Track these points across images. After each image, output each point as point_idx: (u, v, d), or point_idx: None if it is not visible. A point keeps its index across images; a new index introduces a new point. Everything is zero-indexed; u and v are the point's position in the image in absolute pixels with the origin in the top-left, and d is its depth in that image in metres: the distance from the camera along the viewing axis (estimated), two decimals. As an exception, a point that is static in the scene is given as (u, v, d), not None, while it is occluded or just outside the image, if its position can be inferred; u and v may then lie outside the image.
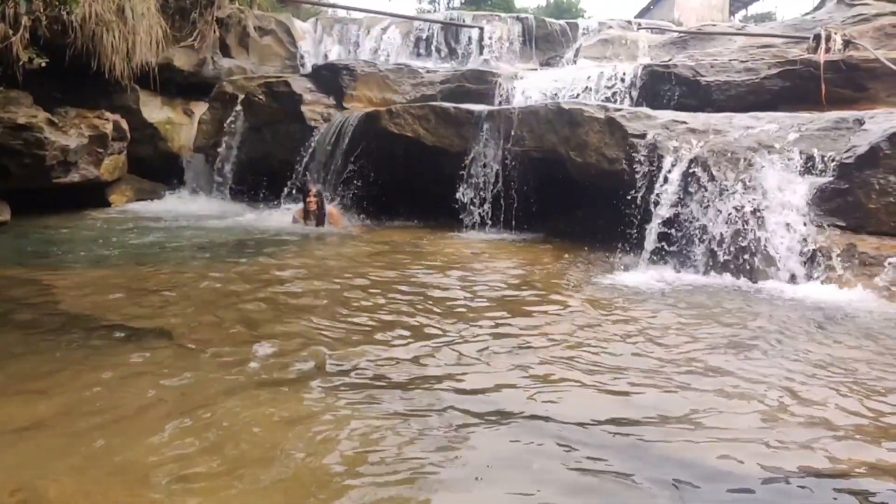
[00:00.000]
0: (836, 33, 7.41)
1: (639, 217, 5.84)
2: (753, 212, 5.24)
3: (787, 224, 5.17)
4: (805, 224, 5.17)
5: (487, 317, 4.03)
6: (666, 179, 5.75)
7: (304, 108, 9.31)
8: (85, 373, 2.99)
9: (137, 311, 4.00)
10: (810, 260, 5.04)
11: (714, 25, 12.57)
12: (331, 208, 7.91)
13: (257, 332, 3.63)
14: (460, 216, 7.54)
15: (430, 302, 4.33)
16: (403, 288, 4.72)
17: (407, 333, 3.67)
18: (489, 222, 7.47)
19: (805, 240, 5.10)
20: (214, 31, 11.14)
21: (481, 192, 7.50)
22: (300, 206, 7.98)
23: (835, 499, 2.10)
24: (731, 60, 8.03)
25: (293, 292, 4.60)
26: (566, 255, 6.12)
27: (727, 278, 5.14)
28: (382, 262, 5.73)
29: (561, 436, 2.47)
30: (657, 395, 2.87)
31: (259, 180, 9.33)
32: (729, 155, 5.57)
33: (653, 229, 5.62)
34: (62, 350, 3.30)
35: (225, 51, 11.65)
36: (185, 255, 5.88)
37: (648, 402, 2.80)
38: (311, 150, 8.77)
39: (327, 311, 4.10)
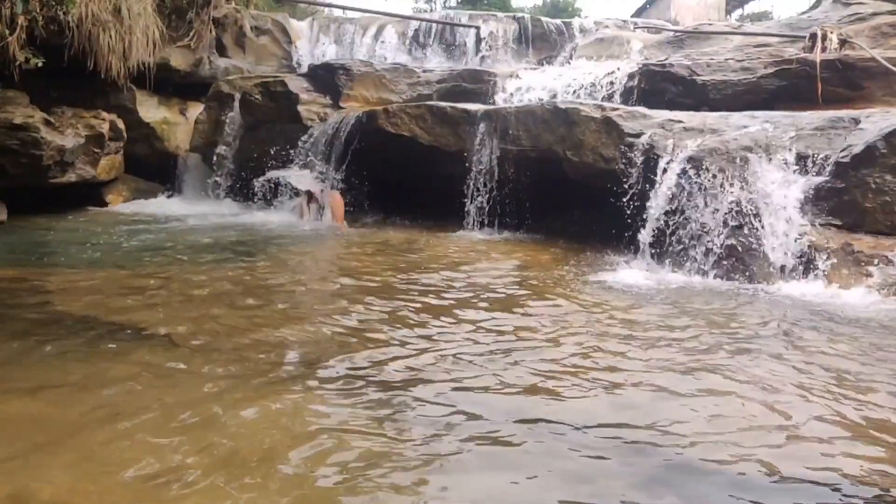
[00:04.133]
0: (832, 32, 7.41)
1: (635, 217, 5.85)
2: (749, 211, 5.25)
3: (783, 223, 5.18)
4: (801, 223, 5.18)
5: (484, 317, 4.03)
6: (662, 179, 5.76)
7: (300, 108, 9.30)
8: (81, 373, 2.99)
9: (134, 311, 3.99)
10: (806, 259, 5.05)
11: (710, 24, 12.56)
12: (333, 192, 7.98)
13: (254, 333, 3.62)
14: (457, 216, 7.54)
15: (426, 302, 4.33)
16: (400, 288, 4.72)
17: (404, 334, 3.67)
18: (486, 222, 7.47)
19: (801, 239, 5.11)
20: (211, 31, 11.12)
21: (478, 192, 7.50)
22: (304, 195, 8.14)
23: (823, 499, 2.12)
24: (727, 59, 8.04)
25: (290, 293, 4.60)
26: (563, 255, 6.12)
27: (723, 278, 5.15)
28: (379, 262, 5.73)
29: (556, 436, 2.48)
30: (652, 395, 2.88)
31: (255, 180, 9.30)
32: (725, 154, 5.58)
33: (649, 229, 5.63)
34: (58, 350, 3.30)
35: (221, 50, 11.63)
36: (181, 256, 5.87)
37: (643, 402, 2.81)
38: (307, 150, 8.77)
39: (324, 312, 4.10)
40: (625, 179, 6.15)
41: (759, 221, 5.20)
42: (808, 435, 2.52)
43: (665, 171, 5.77)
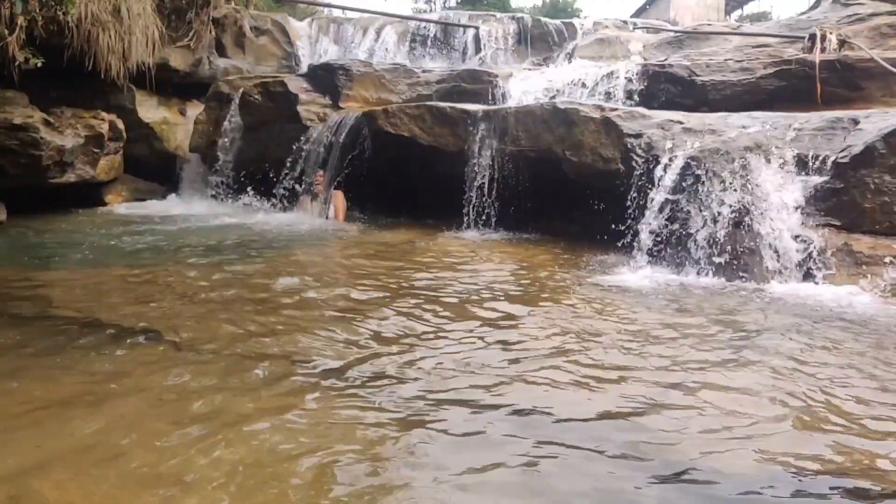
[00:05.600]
0: (831, 33, 7.42)
1: (634, 217, 5.85)
2: (749, 212, 5.25)
3: (783, 224, 5.18)
4: (800, 224, 5.18)
5: (485, 318, 4.04)
6: (661, 179, 5.76)
7: (300, 108, 9.31)
8: (81, 374, 2.99)
9: (134, 312, 3.99)
10: (805, 260, 5.05)
11: (710, 25, 12.58)
12: (336, 191, 8.08)
13: (255, 337, 3.62)
14: (457, 216, 7.54)
15: (426, 303, 4.33)
16: (400, 290, 4.72)
17: (404, 336, 3.67)
18: (486, 222, 7.46)
19: (800, 240, 5.11)
20: (210, 31, 11.13)
21: (478, 192, 7.50)
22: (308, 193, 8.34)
23: (818, 497, 2.12)
24: (726, 60, 8.04)
25: (289, 295, 4.59)
26: (562, 255, 6.12)
27: (722, 279, 5.15)
28: (379, 263, 5.72)
29: (555, 435, 2.48)
30: (650, 395, 2.88)
31: (255, 180, 9.32)
32: (724, 155, 5.58)
33: (648, 229, 5.63)
34: (59, 351, 3.30)
35: (221, 51, 11.64)
36: (181, 257, 5.86)
37: (641, 402, 2.81)
38: (306, 150, 8.78)
39: (324, 315, 4.10)
40: (624, 180, 6.16)
41: (758, 222, 5.20)
42: (805, 434, 2.52)
43: (664, 171, 5.77)
